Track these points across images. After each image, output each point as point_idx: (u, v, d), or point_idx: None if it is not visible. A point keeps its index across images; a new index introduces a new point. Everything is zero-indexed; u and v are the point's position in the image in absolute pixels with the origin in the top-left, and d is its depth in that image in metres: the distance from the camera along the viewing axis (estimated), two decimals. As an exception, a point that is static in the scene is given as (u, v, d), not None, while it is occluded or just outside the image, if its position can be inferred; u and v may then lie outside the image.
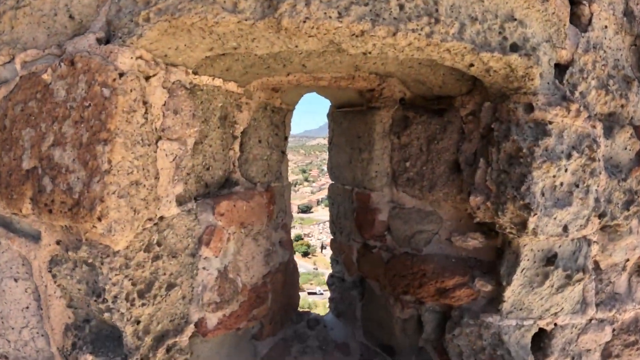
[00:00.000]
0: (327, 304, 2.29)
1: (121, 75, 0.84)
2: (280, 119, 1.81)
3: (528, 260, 1.46)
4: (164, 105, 1.00)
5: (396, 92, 1.62)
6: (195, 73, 1.19)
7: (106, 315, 1.03)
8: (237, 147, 1.52)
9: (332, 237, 2.13)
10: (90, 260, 0.97)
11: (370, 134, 1.68)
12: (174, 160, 1.05)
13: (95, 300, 1.02)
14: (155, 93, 0.97)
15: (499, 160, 1.32)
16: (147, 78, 0.95)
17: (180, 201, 1.22)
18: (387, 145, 1.66)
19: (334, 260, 2.15)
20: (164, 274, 1.15)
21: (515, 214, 1.29)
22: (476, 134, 1.44)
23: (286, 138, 1.90)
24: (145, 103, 0.92)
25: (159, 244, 1.09)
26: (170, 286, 1.18)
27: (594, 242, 1.67)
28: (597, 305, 1.73)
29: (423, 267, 1.57)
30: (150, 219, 1.02)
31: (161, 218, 1.10)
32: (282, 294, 1.90)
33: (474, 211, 1.41)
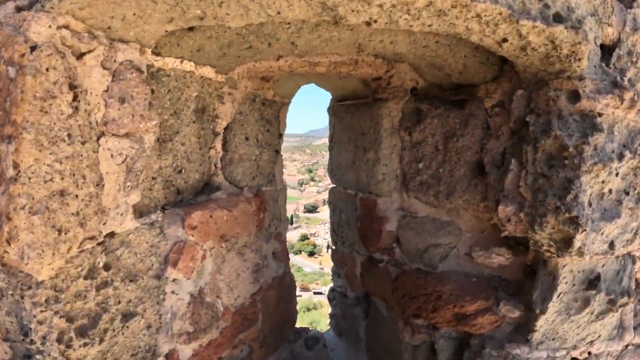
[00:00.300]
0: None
1: (33, 48, 0.61)
2: (273, 113, 1.57)
3: (566, 283, 1.20)
4: (107, 91, 0.77)
5: (407, 81, 1.37)
6: (157, 54, 0.96)
7: (38, 357, 0.80)
8: (219, 145, 1.28)
9: (333, 248, 1.88)
10: (10, 292, 0.74)
11: (377, 130, 1.43)
12: (123, 162, 0.82)
13: (23, 340, 0.79)
14: (91, 75, 0.74)
15: (536, 161, 1.06)
16: (81, 56, 0.72)
17: (141, 212, 0.99)
18: (397, 144, 1.41)
19: (335, 273, 1.91)
20: (118, 302, 0.92)
21: (556, 229, 1.03)
22: (505, 130, 1.18)
23: (280, 135, 1.66)
24: (74, 87, 0.69)
25: (107, 267, 0.86)
26: (128, 316, 0.96)
27: (638, 258, 1.39)
28: (634, 328, 1.46)
29: (439, 288, 1.31)
30: (91, 238, 0.79)
31: (111, 235, 0.87)
32: (276, 313, 1.67)
33: (502, 223, 1.15)
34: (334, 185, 1.78)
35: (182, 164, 1.13)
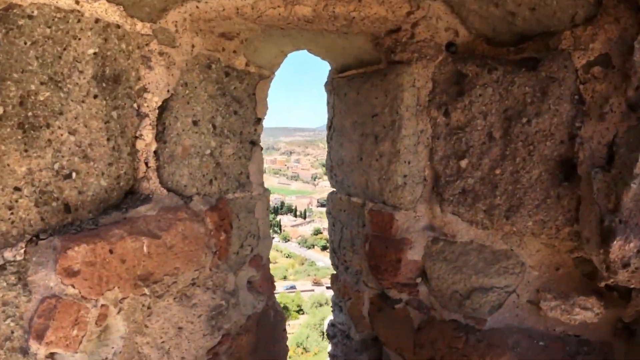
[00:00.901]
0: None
1: None
2: (245, 90, 1.15)
3: None
4: None
5: (440, 31, 0.91)
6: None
7: None
8: (149, 133, 0.88)
9: (333, 273, 1.46)
10: None
11: (395, 109, 0.98)
12: None
13: None
14: None
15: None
16: None
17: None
18: (425, 129, 0.96)
19: (336, 305, 1.49)
20: None
21: None
22: (616, 103, 0.72)
23: (258, 120, 1.24)
24: None
25: None
26: None
27: None
28: None
29: (489, 357, 0.87)
30: None
31: None
32: (254, 362, 1.27)
33: (609, 267, 0.69)
34: (334, 190, 1.35)
35: (72, 164, 0.72)
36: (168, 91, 0.89)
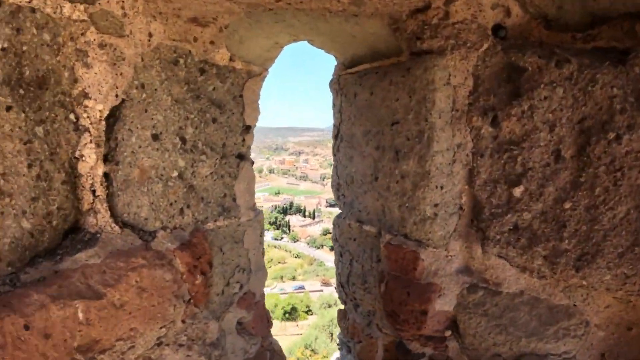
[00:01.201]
0: None
1: None
2: (229, 91, 0.95)
3: None
4: None
5: (486, 10, 0.70)
6: None
7: None
8: (91, 152, 0.69)
9: (340, 308, 1.27)
10: None
11: (423, 116, 0.77)
12: None
13: None
14: None
15: None
16: None
17: None
18: (464, 142, 0.75)
19: (344, 344, 1.30)
20: None
21: None
22: None
23: (248, 128, 1.04)
24: None
25: None
26: None
27: None
28: None
29: None
30: None
31: None
32: (244, 419, 1.09)
33: None
34: (341, 213, 1.15)
35: (-27, 204, 0.54)
36: (117, 96, 0.70)
